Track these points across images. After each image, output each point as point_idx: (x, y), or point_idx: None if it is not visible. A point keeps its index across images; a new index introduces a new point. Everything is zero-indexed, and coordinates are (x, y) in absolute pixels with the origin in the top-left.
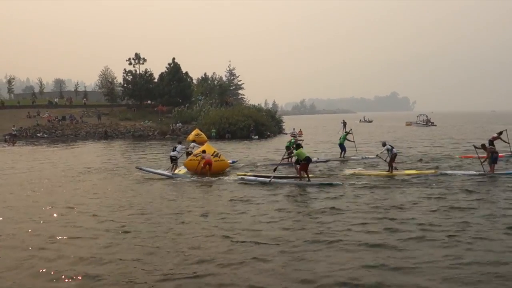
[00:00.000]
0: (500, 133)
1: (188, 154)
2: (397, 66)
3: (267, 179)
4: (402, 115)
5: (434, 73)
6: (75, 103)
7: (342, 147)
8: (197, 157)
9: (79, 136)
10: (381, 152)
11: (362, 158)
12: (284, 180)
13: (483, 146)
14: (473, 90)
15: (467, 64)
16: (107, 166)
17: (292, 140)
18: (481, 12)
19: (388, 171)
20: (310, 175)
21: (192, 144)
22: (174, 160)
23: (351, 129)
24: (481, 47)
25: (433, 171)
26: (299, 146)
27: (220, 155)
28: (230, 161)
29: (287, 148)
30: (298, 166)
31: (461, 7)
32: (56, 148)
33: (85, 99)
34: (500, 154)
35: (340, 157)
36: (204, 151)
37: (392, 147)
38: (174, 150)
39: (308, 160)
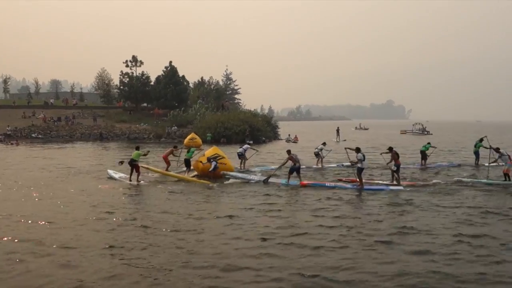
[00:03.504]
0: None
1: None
2: (394, 74)
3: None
4: (397, 123)
5: (430, 82)
6: (71, 104)
7: (477, 154)
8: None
9: (74, 137)
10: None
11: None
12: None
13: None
14: (460, 100)
15: (462, 74)
16: (94, 168)
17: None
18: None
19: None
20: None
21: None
22: (241, 156)
23: (485, 136)
24: (475, 57)
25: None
26: (138, 148)
27: (220, 159)
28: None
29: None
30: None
31: (464, 14)
32: (49, 149)
33: (74, 100)
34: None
35: (475, 163)
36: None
37: (214, 160)
38: (240, 147)
39: (132, 161)
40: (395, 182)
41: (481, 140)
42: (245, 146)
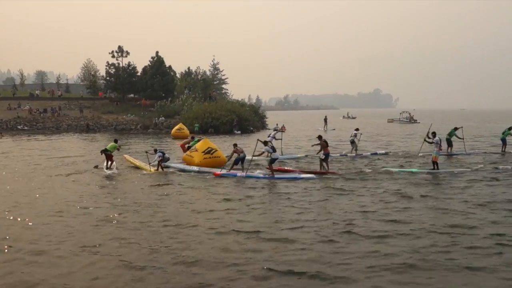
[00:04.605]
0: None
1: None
2: (381, 64)
3: None
4: (385, 112)
5: (417, 71)
6: (56, 96)
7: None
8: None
9: (60, 128)
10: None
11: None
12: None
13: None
14: (446, 89)
15: (449, 62)
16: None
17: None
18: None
19: (156, 170)
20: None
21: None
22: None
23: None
24: (460, 49)
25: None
26: (116, 141)
27: (214, 152)
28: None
29: (502, 140)
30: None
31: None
32: (35, 141)
33: (59, 91)
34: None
35: (502, 150)
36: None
37: (163, 153)
38: (269, 136)
39: (105, 151)
40: (322, 170)
41: (510, 128)
42: (273, 133)
